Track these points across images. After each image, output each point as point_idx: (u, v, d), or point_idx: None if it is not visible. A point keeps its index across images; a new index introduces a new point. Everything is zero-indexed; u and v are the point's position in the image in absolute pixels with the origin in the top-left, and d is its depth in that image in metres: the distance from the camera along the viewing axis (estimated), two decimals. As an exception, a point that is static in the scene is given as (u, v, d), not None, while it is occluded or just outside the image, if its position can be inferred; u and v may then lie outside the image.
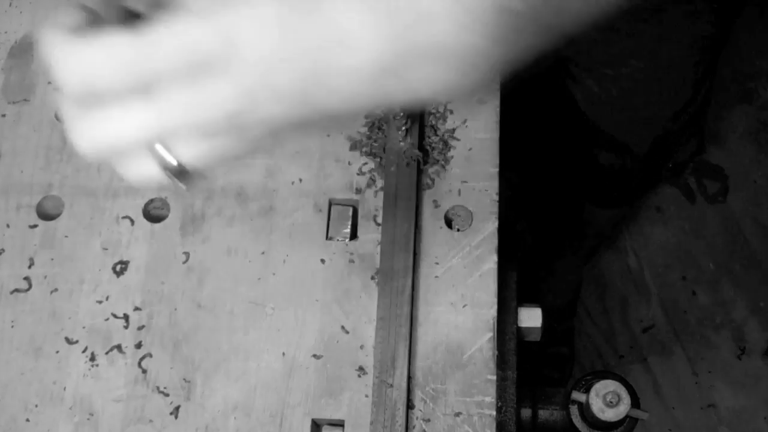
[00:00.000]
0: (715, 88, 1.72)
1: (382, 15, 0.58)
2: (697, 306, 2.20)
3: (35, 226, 1.19)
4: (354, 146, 1.18)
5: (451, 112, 1.19)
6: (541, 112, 1.73)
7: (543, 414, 1.28)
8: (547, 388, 1.30)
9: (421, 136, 1.17)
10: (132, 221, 1.18)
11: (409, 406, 1.07)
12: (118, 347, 1.13)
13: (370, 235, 1.15)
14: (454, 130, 1.18)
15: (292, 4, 0.60)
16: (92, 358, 1.13)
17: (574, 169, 1.80)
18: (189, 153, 0.66)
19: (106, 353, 1.13)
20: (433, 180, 1.16)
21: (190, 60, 0.62)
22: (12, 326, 1.15)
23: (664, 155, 1.83)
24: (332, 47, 0.60)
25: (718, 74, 1.72)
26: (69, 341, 1.14)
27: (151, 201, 1.19)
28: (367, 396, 1.08)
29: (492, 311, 1.10)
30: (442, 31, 0.58)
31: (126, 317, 1.14)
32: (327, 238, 1.16)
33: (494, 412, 1.06)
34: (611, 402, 1.19)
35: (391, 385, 1.07)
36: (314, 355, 1.11)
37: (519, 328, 1.18)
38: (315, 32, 0.60)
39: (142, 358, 1.13)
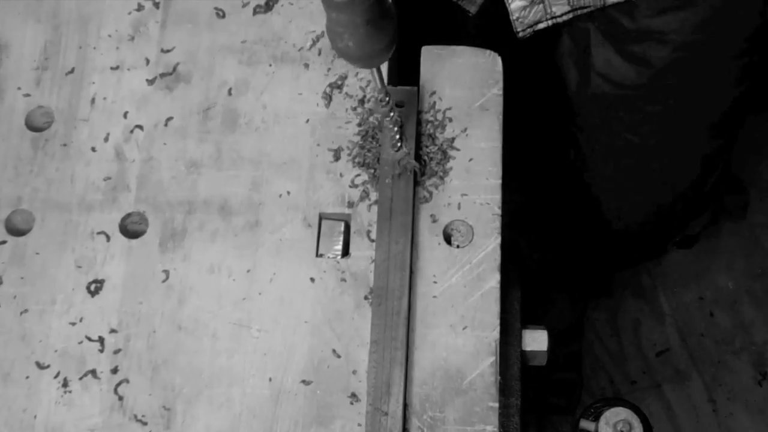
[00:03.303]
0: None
1: None
2: (715, 328, 2.20)
3: (4, 242, 1.20)
4: (337, 156, 1.19)
5: (450, 120, 1.20)
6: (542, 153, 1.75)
7: (549, 444, 1.29)
8: (553, 417, 1.31)
9: (418, 146, 1.18)
10: (108, 237, 1.19)
11: (406, 435, 1.08)
12: (93, 372, 1.14)
13: (364, 252, 1.16)
14: (453, 139, 1.19)
15: None
16: (65, 384, 1.13)
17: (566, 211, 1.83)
18: None
19: (80, 379, 1.14)
20: (430, 193, 1.17)
21: None
22: (-22, 350, 1.16)
23: (668, 229, 1.86)
24: None
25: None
26: (40, 366, 1.14)
27: (128, 215, 1.20)
28: (360, 425, 1.09)
29: (494, 334, 1.11)
30: None
31: (101, 340, 1.15)
32: (317, 255, 1.16)
33: (496, 442, 1.07)
34: (622, 431, 1.20)
35: (386, 413, 1.07)
36: (303, 381, 1.11)
37: (523, 352, 1.19)
38: None
39: (118, 384, 1.13)
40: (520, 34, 1.39)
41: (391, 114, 1.13)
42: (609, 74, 1.42)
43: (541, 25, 1.37)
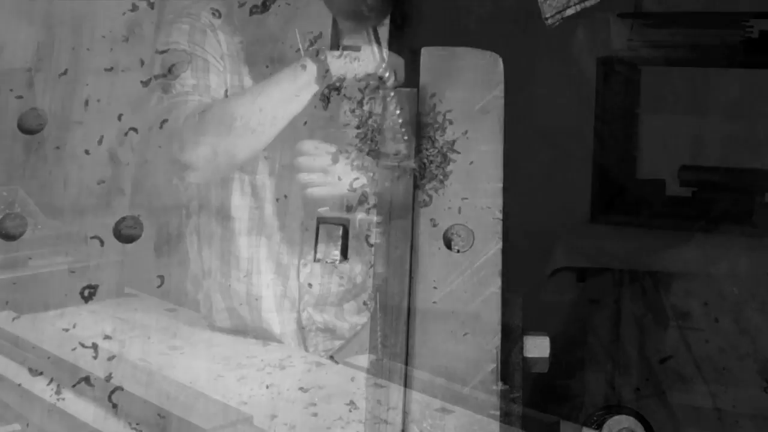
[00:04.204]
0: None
1: None
2: (720, 334, 2.20)
3: (-4, 246, 1.20)
4: (335, 159, 1.19)
5: (451, 122, 1.20)
6: None
7: (551, 452, 1.29)
8: (555, 425, 1.31)
9: (418, 149, 1.18)
10: (101, 241, 1.19)
11: (405, 443, 1.08)
12: (87, 380, 1.14)
13: (362, 257, 1.15)
14: (453, 141, 1.19)
15: None
16: (58, 392, 1.13)
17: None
18: None
19: (73, 386, 1.14)
20: (430, 196, 1.17)
21: None
22: (-30, 356, 1.16)
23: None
24: None
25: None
26: (33, 372, 1.14)
27: (123, 219, 1.20)
28: (358, 433, 1.09)
29: (495, 340, 1.11)
30: None
31: (95, 347, 1.15)
32: (315, 260, 1.16)
33: (498, 450, 1.07)
34: (625, 439, 1.20)
35: (385, 421, 1.07)
36: (301, 388, 1.11)
37: (525, 359, 1.19)
38: None
39: (112, 392, 1.13)
40: (549, 21, 1.38)
41: (388, 76, 1.14)
42: (632, 59, 1.43)
43: (570, 11, 1.36)
